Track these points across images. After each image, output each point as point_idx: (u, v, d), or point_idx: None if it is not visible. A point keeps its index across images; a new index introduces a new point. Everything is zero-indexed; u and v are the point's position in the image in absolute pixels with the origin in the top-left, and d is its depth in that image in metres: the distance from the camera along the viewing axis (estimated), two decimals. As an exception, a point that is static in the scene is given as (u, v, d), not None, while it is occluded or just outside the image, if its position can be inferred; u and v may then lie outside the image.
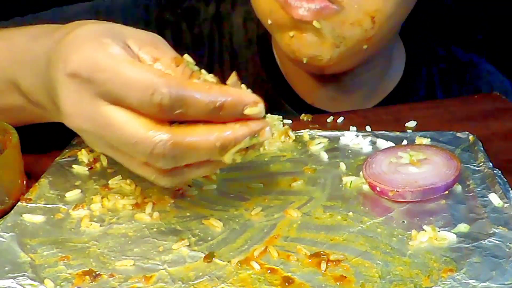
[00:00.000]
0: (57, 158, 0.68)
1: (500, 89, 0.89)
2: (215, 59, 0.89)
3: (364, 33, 0.71)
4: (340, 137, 0.69)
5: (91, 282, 0.49)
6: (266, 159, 0.67)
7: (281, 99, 0.87)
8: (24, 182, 0.62)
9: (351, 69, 0.80)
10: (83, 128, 0.49)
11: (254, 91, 0.56)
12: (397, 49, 0.89)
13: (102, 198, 0.60)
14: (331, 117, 0.76)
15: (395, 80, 0.88)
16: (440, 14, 1.35)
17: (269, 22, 0.75)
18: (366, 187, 0.60)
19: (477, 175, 0.61)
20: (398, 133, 0.70)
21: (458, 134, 0.69)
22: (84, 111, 0.48)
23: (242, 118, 0.48)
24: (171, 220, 0.57)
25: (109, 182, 0.62)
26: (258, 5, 0.76)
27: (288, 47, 0.74)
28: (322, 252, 0.51)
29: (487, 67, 0.95)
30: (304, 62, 0.74)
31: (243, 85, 0.52)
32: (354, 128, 0.72)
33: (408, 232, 0.53)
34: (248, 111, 0.48)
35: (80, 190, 0.61)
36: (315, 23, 0.70)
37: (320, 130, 0.71)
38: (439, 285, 0.47)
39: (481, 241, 0.51)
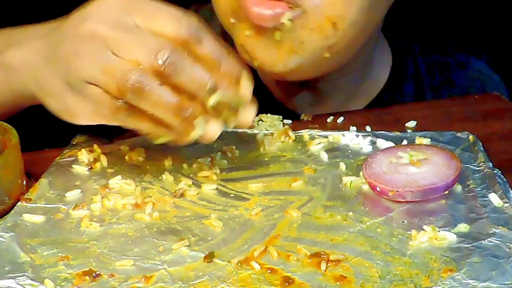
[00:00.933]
0: (57, 158, 0.68)
1: (492, 89, 0.89)
2: None
3: (324, 40, 0.68)
4: (340, 137, 0.69)
5: (91, 282, 0.49)
6: (266, 159, 0.67)
7: (261, 103, 0.86)
8: (24, 182, 0.62)
9: (322, 76, 0.77)
10: (99, 28, 0.55)
11: None
12: (381, 51, 0.87)
13: (102, 198, 0.60)
14: (331, 117, 0.76)
15: (381, 83, 0.87)
16: (440, 14, 1.35)
17: (232, 21, 0.71)
18: (366, 187, 0.60)
19: (477, 175, 0.61)
20: (398, 133, 0.70)
21: (458, 134, 0.69)
22: (111, 18, 0.55)
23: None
24: (171, 220, 0.57)
25: (109, 182, 0.62)
26: (218, 5, 0.73)
27: (242, 47, 0.72)
28: (322, 252, 0.51)
29: (478, 67, 0.93)
30: (256, 65, 0.72)
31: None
32: (354, 128, 0.72)
33: (408, 232, 0.53)
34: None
35: (80, 190, 0.61)
36: (276, 35, 0.68)
37: (320, 130, 0.71)
38: (439, 285, 0.47)
39: (481, 241, 0.51)
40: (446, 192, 0.58)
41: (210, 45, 0.55)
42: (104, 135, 0.72)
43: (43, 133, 0.76)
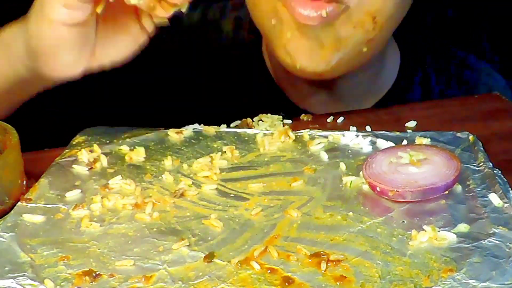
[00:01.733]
0: (57, 158, 0.67)
1: (498, 91, 0.89)
2: (201, 65, 0.90)
3: (365, 34, 0.70)
4: (340, 137, 0.69)
5: (91, 282, 0.49)
6: (266, 159, 0.67)
7: (273, 103, 0.86)
8: (24, 182, 0.62)
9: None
10: None
11: (243, 96, 0.78)
12: (391, 49, 0.88)
13: (102, 198, 0.60)
14: (331, 117, 0.76)
15: (390, 81, 0.87)
16: (441, 14, 1.35)
17: (273, 22, 0.72)
18: (366, 187, 0.60)
19: (477, 175, 0.61)
20: (398, 133, 0.70)
21: (458, 134, 0.69)
22: None
23: None
24: (171, 220, 0.57)
25: (109, 182, 0.62)
26: (258, 6, 0.74)
27: (284, 50, 0.73)
28: (322, 252, 0.51)
29: (485, 69, 0.94)
30: (298, 67, 0.72)
31: None
32: (354, 128, 0.72)
33: (408, 232, 0.53)
34: None
35: (80, 190, 0.61)
36: (319, 35, 0.69)
37: (320, 130, 0.71)
38: (439, 285, 0.47)
39: (481, 241, 0.51)
40: (446, 192, 0.58)
41: None
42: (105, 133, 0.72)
43: (43, 133, 0.76)
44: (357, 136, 0.69)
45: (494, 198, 0.56)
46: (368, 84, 0.85)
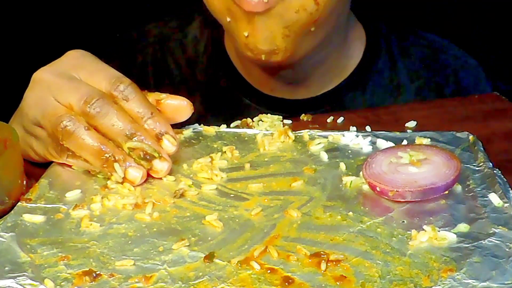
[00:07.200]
0: (57, 158, 0.67)
1: (468, 75, 0.90)
2: (163, 77, 0.94)
3: (309, 16, 0.73)
4: (340, 137, 0.69)
5: (91, 282, 0.49)
6: (266, 159, 0.67)
7: (239, 94, 0.90)
8: (24, 182, 0.62)
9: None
10: (45, 75, 0.64)
11: (212, 91, 0.85)
12: (355, 30, 0.90)
13: (102, 198, 0.60)
14: (331, 117, 0.76)
15: (355, 62, 0.89)
16: (439, 11, 1.36)
17: (228, 20, 0.76)
18: (366, 187, 0.60)
19: (477, 175, 0.61)
20: (398, 133, 0.70)
21: (458, 134, 0.69)
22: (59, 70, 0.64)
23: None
24: (171, 220, 0.57)
25: (109, 182, 0.62)
26: (212, 5, 0.78)
27: (246, 47, 0.76)
28: (322, 252, 0.51)
29: (454, 52, 0.95)
30: (263, 59, 0.76)
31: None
32: (354, 128, 0.72)
33: (408, 232, 0.53)
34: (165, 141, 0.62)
35: (80, 190, 0.61)
36: (268, 25, 0.72)
37: (320, 130, 0.72)
38: (439, 285, 0.47)
39: (481, 241, 0.51)
40: (446, 192, 0.58)
41: (136, 103, 0.62)
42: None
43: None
44: (357, 136, 0.69)
45: (494, 198, 0.56)
46: (330, 62, 0.87)
